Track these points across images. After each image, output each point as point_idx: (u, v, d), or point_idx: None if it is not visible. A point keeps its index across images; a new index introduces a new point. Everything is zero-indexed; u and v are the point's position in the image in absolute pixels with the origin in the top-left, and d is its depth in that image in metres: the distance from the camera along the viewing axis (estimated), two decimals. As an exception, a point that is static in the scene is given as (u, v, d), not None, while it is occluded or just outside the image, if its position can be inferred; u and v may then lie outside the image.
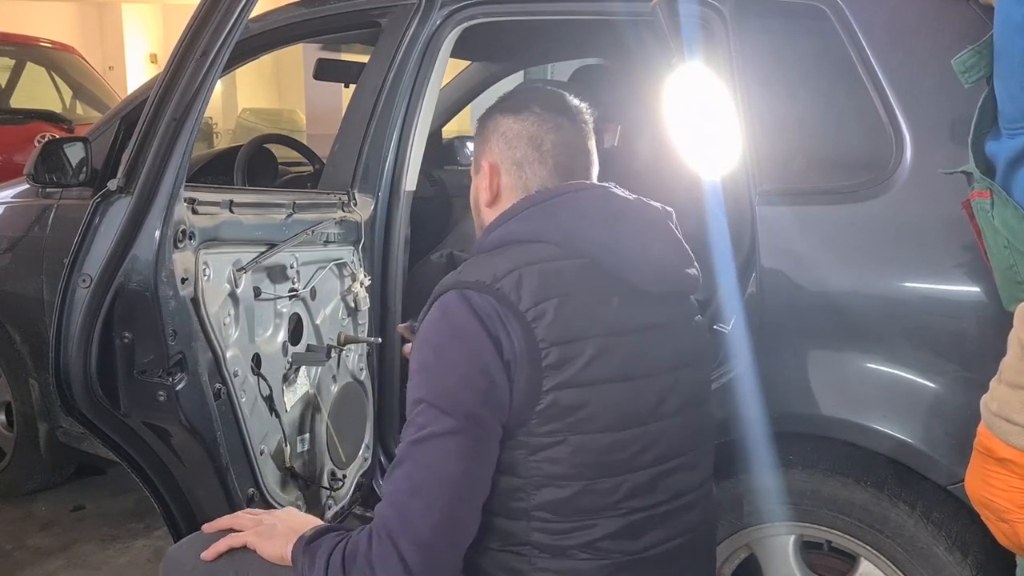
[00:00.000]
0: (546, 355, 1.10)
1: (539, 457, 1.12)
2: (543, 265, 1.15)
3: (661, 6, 1.68)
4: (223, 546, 1.28)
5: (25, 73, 6.09)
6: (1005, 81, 1.05)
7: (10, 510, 2.80)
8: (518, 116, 1.27)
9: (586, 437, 1.13)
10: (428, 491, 1.09)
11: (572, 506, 1.14)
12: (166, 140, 1.44)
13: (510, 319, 1.10)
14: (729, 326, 1.63)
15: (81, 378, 1.46)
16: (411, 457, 1.11)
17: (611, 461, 1.15)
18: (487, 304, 1.10)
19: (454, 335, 1.11)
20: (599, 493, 1.15)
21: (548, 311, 1.10)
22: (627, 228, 1.21)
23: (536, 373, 1.10)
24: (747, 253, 1.62)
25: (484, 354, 1.09)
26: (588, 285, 1.16)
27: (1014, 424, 0.95)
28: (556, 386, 1.10)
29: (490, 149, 1.29)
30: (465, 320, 1.10)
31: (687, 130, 1.73)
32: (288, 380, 1.81)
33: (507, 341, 1.09)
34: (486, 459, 1.11)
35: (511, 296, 1.10)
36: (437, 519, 1.08)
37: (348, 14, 2.27)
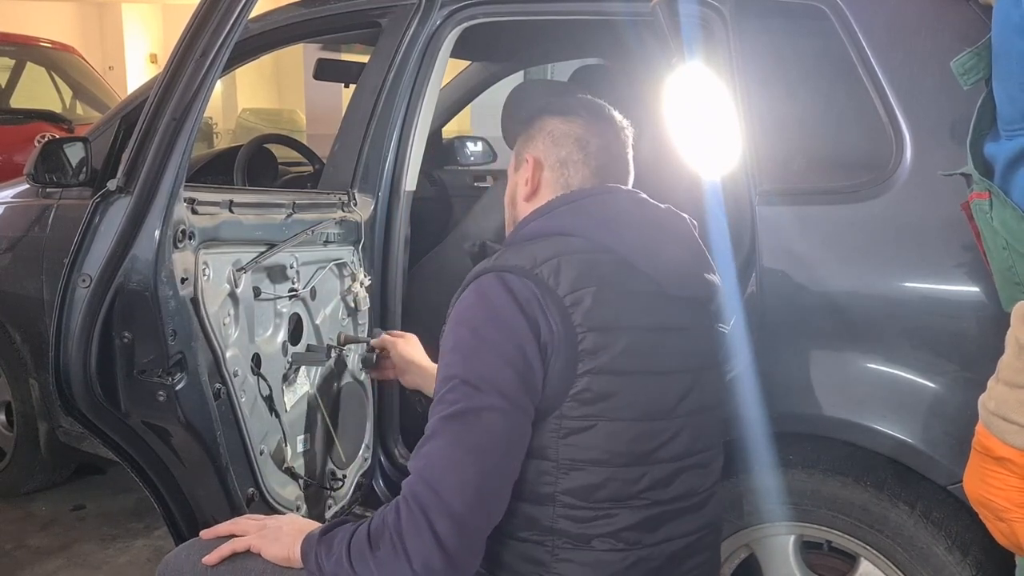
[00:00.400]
0: (582, 339, 1.12)
1: (570, 441, 1.13)
2: (580, 256, 1.18)
3: (661, 6, 1.68)
4: (226, 550, 1.27)
5: (25, 73, 6.09)
6: (1004, 83, 1.05)
7: (10, 510, 2.80)
8: (566, 118, 1.33)
9: (616, 424, 1.15)
10: (462, 465, 1.09)
11: (598, 493, 1.15)
12: (166, 140, 1.44)
13: (548, 303, 1.12)
14: (729, 326, 1.63)
15: (81, 378, 1.46)
16: (443, 432, 1.10)
17: (637, 451, 1.17)
18: (526, 288, 1.12)
19: (491, 316, 1.13)
20: (624, 482, 1.16)
21: (585, 298, 1.13)
22: (656, 233, 1.26)
23: (572, 356, 1.12)
24: (747, 253, 1.62)
25: (521, 336, 1.10)
26: (621, 279, 1.19)
27: (1012, 423, 0.95)
28: (590, 371, 1.13)
29: (535, 146, 1.33)
30: (503, 302, 1.12)
31: (687, 130, 1.73)
32: (288, 380, 1.81)
33: (544, 324, 1.11)
34: (518, 438, 1.12)
35: (549, 281, 1.13)
36: (471, 494, 1.08)
37: (348, 14, 2.27)
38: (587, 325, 1.13)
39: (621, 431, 1.15)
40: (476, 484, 1.08)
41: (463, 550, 1.08)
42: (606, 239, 1.21)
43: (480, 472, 1.09)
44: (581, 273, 1.15)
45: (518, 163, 1.37)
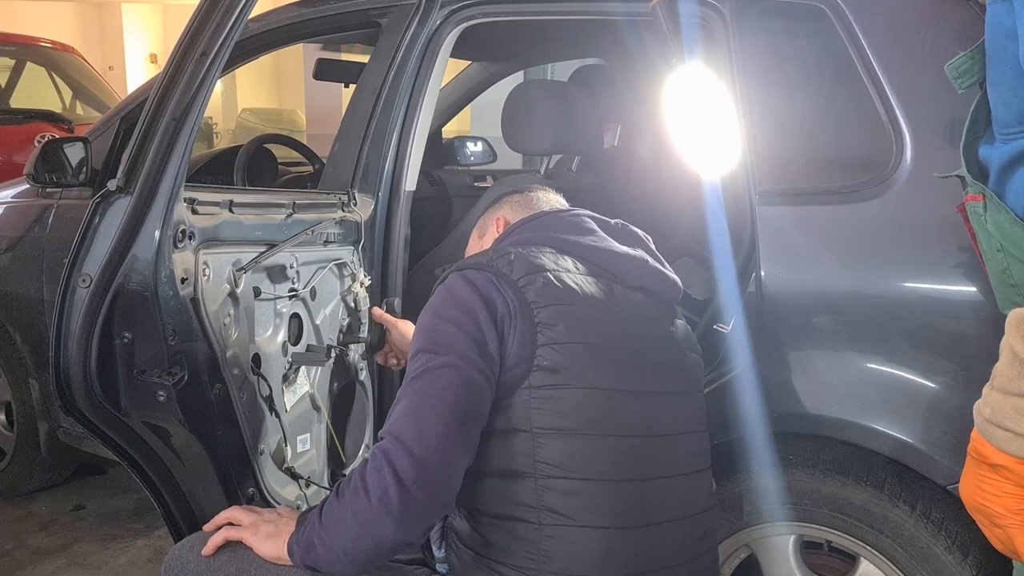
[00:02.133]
0: (538, 312, 1.20)
1: (540, 408, 1.18)
2: (534, 249, 1.29)
3: (661, 6, 1.68)
4: (219, 539, 1.30)
5: (25, 73, 6.09)
6: (998, 87, 1.05)
7: (10, 510, 2.80)
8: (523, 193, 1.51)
9: (584, 392, 1.20)
10: (422, 414, 1.15)
11: (574, 462, 1.18)
12: (166, 140, 1.44)
13: (503, 285, 1.21)
14: (729, 326, 1.63)
15: (81, 378, 1.46)
16: (407, 393, 1.18)
17: (609, 421, 1.21)
18: (482, 276, 1.22)
19: (450, 299, 1.22)
20: (600, 450, 1.20)
21: (538, 280, 1.22)
22: (610, 234, 1.37)
23: (530, 329, 1.19)
24: (747, 253, 1.62)
25: (476, 311, 1.19)
26: (575, 268, 1.29)
27: (1007, 430, 0.95)
28: (549, 341, 1.19)
29: (503, 210, 1.50)
30: (461, 288, 1.22)
31: (687, 130, 1.73)
32: (288, 380, 1.81)
33: (500, 301, 1.20)
34: (477, 396, 1.17)
35: (504, 269, 1.23)
36: (430, 438, 1.13)
37: (348, 14, 2.27)
38: (541, 301, 1.20)
39: (589, 398, 1.20)
40: (435, 430, 1.14)
41: (420, 488, 1.12)
42: (561, 242, 1.33)
43: (439, 420, 1.14)
44: (534, 262, 1.25)
45: (483, 231, 1.52)
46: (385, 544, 1.14)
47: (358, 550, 1.15)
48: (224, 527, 1.31)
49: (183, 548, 1.35)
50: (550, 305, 1.20)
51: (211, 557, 1.30)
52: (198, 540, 1.35)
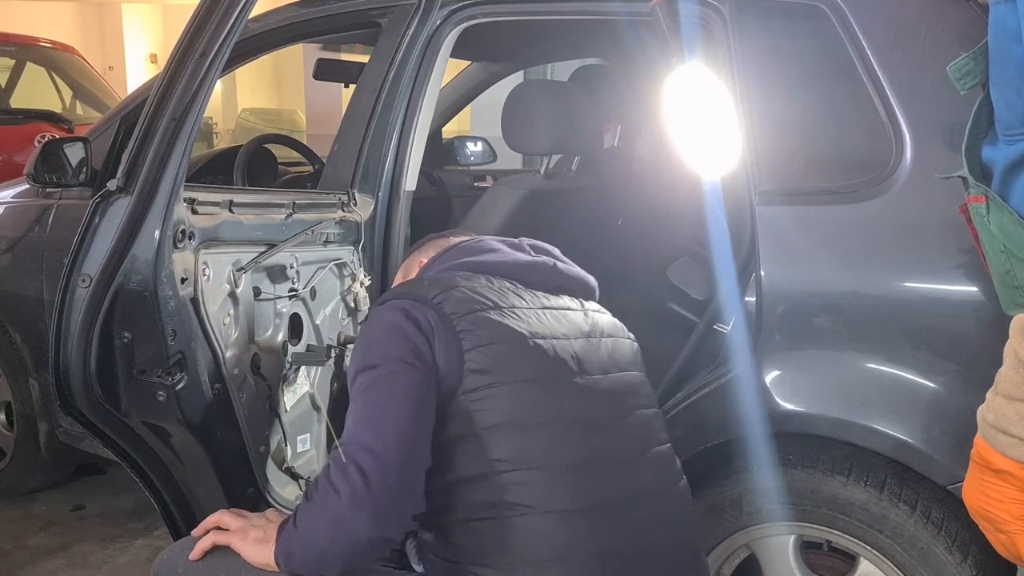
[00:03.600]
0: (458, 323, 1.25)
1: (479, 408, 1.22)
2: (446, 275, 1.37)
3: (661, 6, 1.68)
4: (207, 543, 1.30)
5: (25, 73, 6.08)
6: (1001, 88, 1.05)
7: (10, 510, 2.80)
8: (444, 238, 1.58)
9: (513, 385, 1.24)
10: (374, 417, 1.19)
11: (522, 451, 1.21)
12: (166, 140, 1.44)
13: (421, 304, 1.27)
14: (729, 326, 1.63)
15: (81, 378, 1.46)
16: (354, 408, 1.22)
17: (543, 408, 1.25)
18: (404, 302, 1.28)
19: (376, 325, 1.28)
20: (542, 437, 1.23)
21: (452, 296, 1.28)
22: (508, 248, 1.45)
23: (453, 338, 1.24)
24: (747, 253, 1.62)
25: (404, 326, 1.25)
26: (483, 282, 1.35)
27: (1011, 436, 0.95)
28: (474, 345, 1.24)
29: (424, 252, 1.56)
30: (384, 315, 1.28)
31: (687, 130, 1.73)
32: (288, 380, 1.81)
33: (423, 317, 1.25)
34: (423, 390, 1.21)
35: (418, 292, 1.30)
36: (388, 436, 1.17)
37: (348, 14, 2.27)
38: (459, 311, 1.26)
39: (520, 391, 1.24)
40: (391, 430, 1.17)
41: (386, 481, 1.15)
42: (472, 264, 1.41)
43: (392, 417, 1.18)
44: (444, 283, 1.31)
45: (408, 272, 1.57)
46: (362, 540, 1.16)
47: (337, 550, 1.17)
48: (212, 531, 1.31)
49: (172, 552, 1.35)
50: (468, 313, 1.26)
51: (200, 561, 1.29)
52: (187, 544, 1.34)
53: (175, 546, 1.37)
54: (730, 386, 1.59)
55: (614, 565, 1.21)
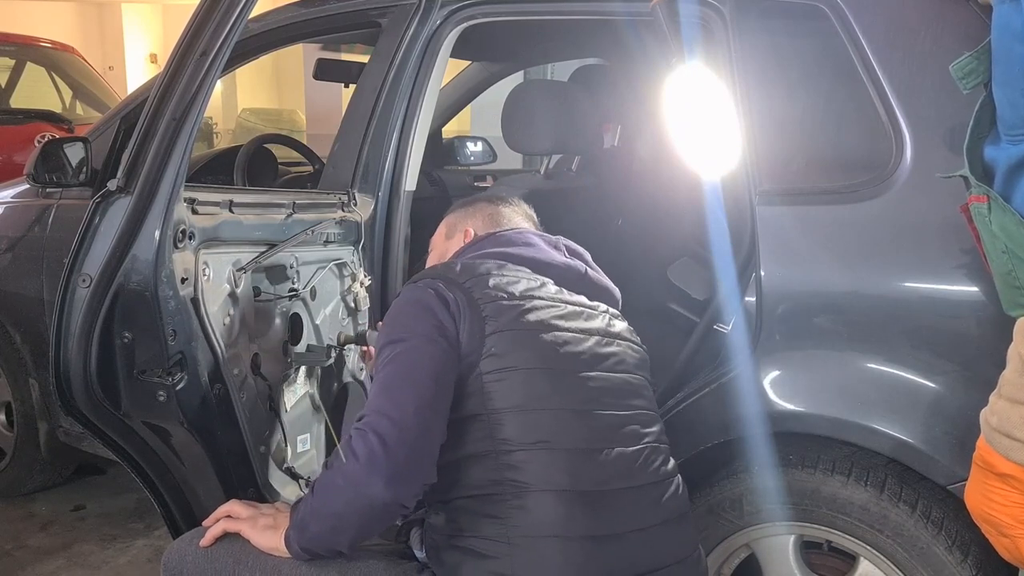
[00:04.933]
0: (483, 307, 1.31)
1: (492, 391, 1.27)
2: (478, 261, 1.42)
3: (661, 6, 1.68)
4: (218, 530, 1.34)
5: (25, 73, 6.08)
6: (1004, 88, 1.04)
7: (10, 510, 2.80)
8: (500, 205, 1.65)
9: (527, 371, 1.29)
10: (396, 388, 1.25)
11: (528, 431, 1.26)
12: (166, 140, 1.44)
13: (452, 286, 1.33)
14: (729, 326, 1.63)
15: (81, 378, 1.46)
16: (378, 378, 1.28)
17: (553, 393, 1.29)
18: (435, 282, 1.34)
19: (406, 301, 1.35)
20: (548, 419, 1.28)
21: (484, 281, 1.35)
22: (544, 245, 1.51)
23: (478, 321, 1.30)
24: (747, 253, 1.62)
25: (432, 304, 1.31)
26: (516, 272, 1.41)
27: (1015, 440, 0.94)
28: (497, 330, 1.29)
29: (475, 222, 1.62)
30: (414, 291, 1.34)
31: (687, 130, 1.73)
32: (288, 380, 1.81)
33: (451, 297, 1.31)
34: (444, 364, 1.27)
35: (450, 275, 1.36)
36: (408, 405, 1.22)
37: (348, 14, 2.27)
38: (486, 297, 1.32)
39: (534, 376, 1.29)
40: (410, 398, 1.23)
41: (404, 446, 1.20)
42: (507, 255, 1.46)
43: (413, 388, 1.24)
44: (475, 267, 1.38)
45: (451, 232, 1.64)
46: (377, 503, 1.20)
47: (352, 511, 1.21)
48: (222, 519, 1.35)
49: (183, 541, 1.38)
50: (494, 301, 1.32)
51: (209, 549, 1.33)
52: (197, 534, 1.37)
53: (185, 536, 1.40)
54: (730, 386, 1.59)
55: (610, 546, 1.25)
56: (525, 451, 1.25)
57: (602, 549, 1.24)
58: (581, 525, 1.23)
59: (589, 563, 1.23)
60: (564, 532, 1.22)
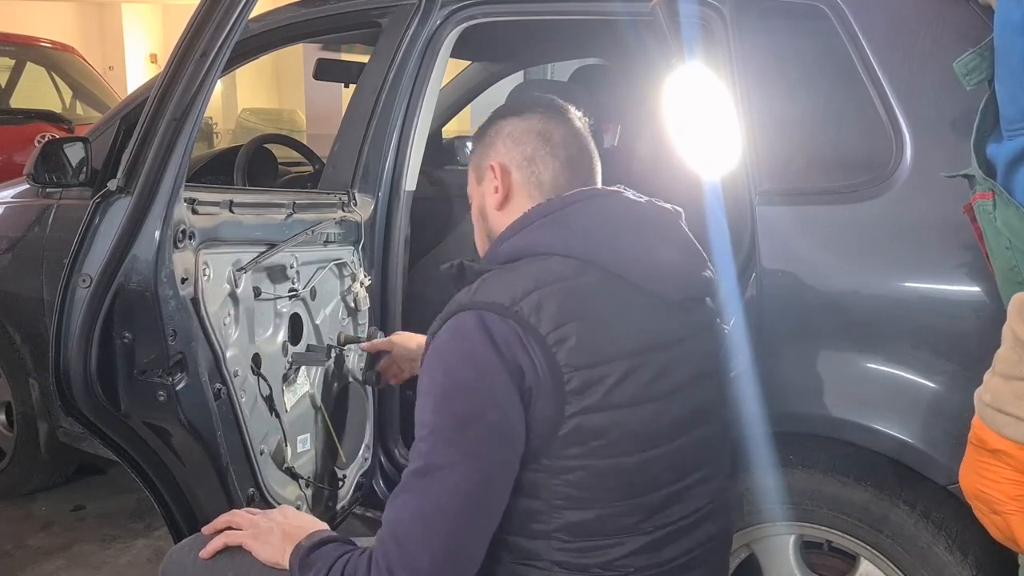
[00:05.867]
0: (569, 380, 1.07)
1: (561, 480, 1.10)
2: (562, 284, 1.11)
3: (661, 6, 1.68)
4: (219, 543, 1.28)
5: (25, 73, 6.08)
6: (1005, 82, 1.05)
7: (10, 510, 2.80)
8: (522, 116, 1.28)
9: (610, 461, 1.11)
10: (428, 522, 1.06)
11: (593, 528, 1.12)
12: (166, 140, 1.43)
13: (531, 343, 1.06)
14: (729, 326, 1.63)
15: (81, 378, 1.46)
16: (413, 487, 1.08)
17: (634, 482, 1.13)
18: (507, 328, 1.06)
19: (467, 360, 1.08)
20: (621, 515, 1.13)
21: (570, 335, 1.07)
22: (643, 236, 1.19)
23: (559, 398, 1.07)
24: (747, 253, 1.62)
25: (496, 380, 1.05)
26: (609, 303, 1.13)
27: (1007, 415, 0.95)
28: (580, 411, 1.08)
29: (496, 151, 1.28)
30: (481, 346, 1.06)
31: (687, 130, 1.73)
32: (288, 380, 1.81)
33: (528, 366, 1.06)
34: (493, 492, 1.08)
35: (531, 319, 1.06)
36: (438, 550, 1.06)
37: (348, 14, 2.27)
38: (573, 364, 1.06)
39: (616, 467, 1.11)
40: (444, 541, 1.06)
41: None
42: (589, 253, 1.15)
43: (448, 529, 1.06)
44: (565, 306, 1.08)
45: (479, 175, 1.32)
46: None
47: None
48: (224, 531, 1.31)
49: (181, 551, 1.35)
50: (582, 368, 1.07)
51: (210, 561, 1.29)
52: (196, 543, 1.34)
53: (183, 544, 1.37)
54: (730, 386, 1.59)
55: None
56: (586, 543, 1.12)
57: None
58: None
59: None
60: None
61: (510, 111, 1.29)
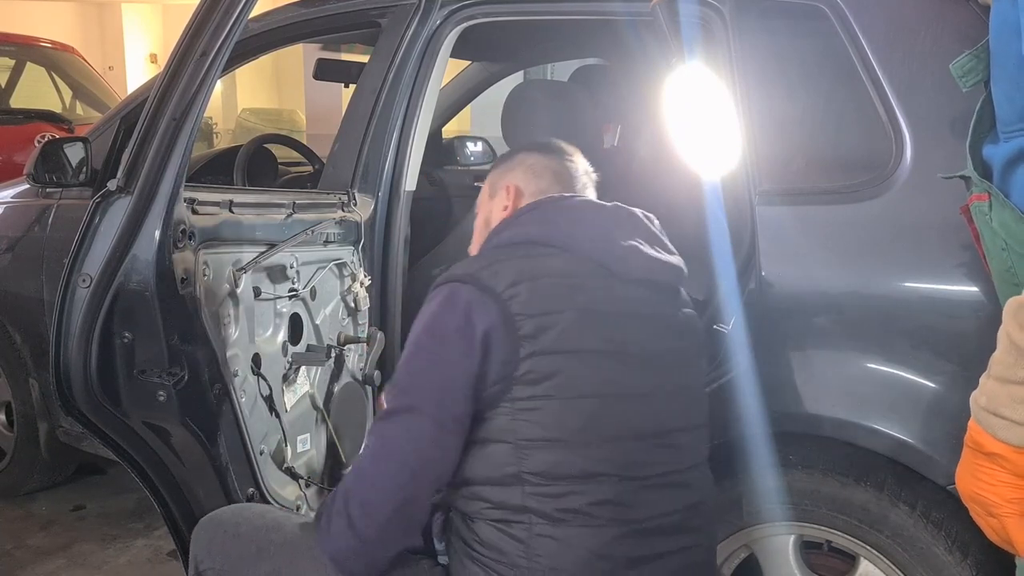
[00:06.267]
0: (521, 326, 1.18)
1: (522, 420, 1.19)
2: (522, 257, 1.26)
3: (661, 6, 1.68)
4: None
5: (25, 73, 6.08)
6: (1001, 84, 1.05)
7: (10, 510, 2.80)
8: (545, 154, 1.46)
9: (567, 402, 1.20)
10: (381, 460, 1.20)
11: (560, 470, 1.19)
12: (166, 140, 1.44)
13: (487, 300, 1.19)
14: (729, 326, 1.63)
15: (81, 378, 1.46)
16: (375, 430, 1.24)
17: (594, 428, 1.21)
18: (467, 291, 1.21)
19: (430, 324, 1.23)
20: (586, 458, 1.20)
21: (523, 291, 1.20)
22: (605, 228, 1.33)
23: (513, 342, 1.18)
24: (747, 253, 1.62)
25: (456, 340, 1.19)
26: (564, 270, 1.26)
27: (1003, 418, 0.95)
28: (532, 353, 1.18)
29: (515, 176, 1.44)
30: (443, 309, 1.21)
31: (687, 130, 1.73)
32: (288, 380, 1.81)
33: (485, 320, 1.18)
34: (443, 442, 1.19)
35: (488, 282, 1.21)
36: (387, 486, 1.19)
37: (348, 14, 2.27)
38: (525, 312, 1.19)
39: (571, 408, 1.20)
40: (393, 478, 1.19)
41: (373, 537, 1.19)
42: (553, 238, 1.29)
43: (397, 468, 1.19)
44: (520, 270, 1.22)
45: (494, 191, 1.47)
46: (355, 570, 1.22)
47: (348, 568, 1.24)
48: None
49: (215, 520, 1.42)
50: (534, 316, 1.19)
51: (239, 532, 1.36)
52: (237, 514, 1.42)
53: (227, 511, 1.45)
54: (730, 386, 1.59)
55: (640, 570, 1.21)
56: (556, 486, 1.18)
57: None
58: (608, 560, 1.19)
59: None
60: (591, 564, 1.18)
61: (538, 148, 1.48)
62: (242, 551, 1.34)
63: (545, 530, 1.18)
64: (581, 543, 1.18)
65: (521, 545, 1.18)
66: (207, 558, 1.37)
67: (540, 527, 1.18)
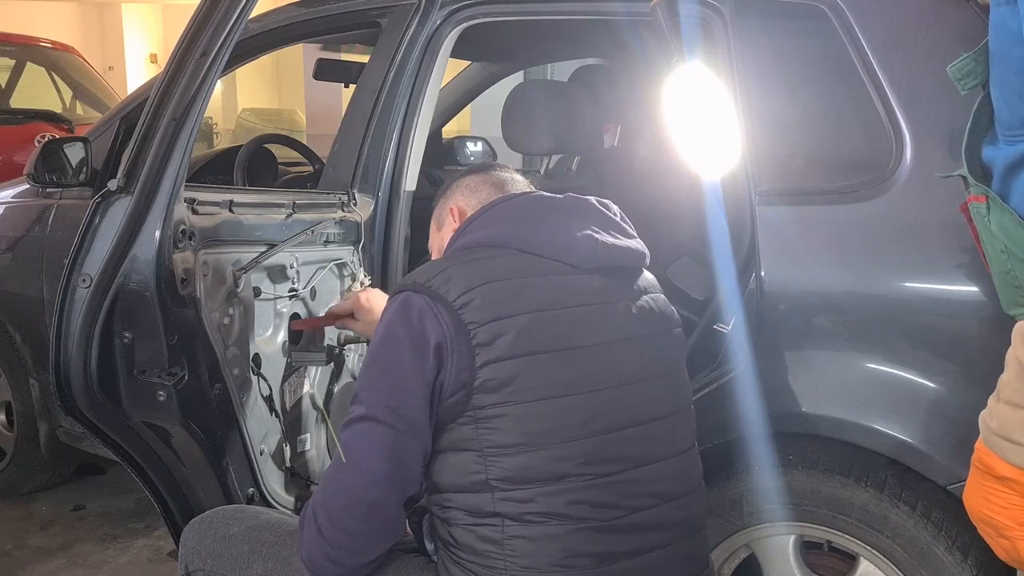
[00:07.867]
0: (475, 335, 1.17)
1: (485, 429, 1.18)
2: (472, 262, 1.25)
3: (661, 6, 1.68)
4: None
5: (25, 73, 6.08)
6: (1002, 89, 1.05)
7: (10, 510, 2.80)
8: (477, 173, 1.47)
9: (527, 406, 1.18)
10: (342, 468, 1.20)
11: (528, 473, 1.18)
12: (166, 140, 1.44)
13: (439, 309, 1.19)
14: (729, 326, 1.63)
15: (81, 378, 1.46)
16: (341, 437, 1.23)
17: (558, 428, 1.19)
18: (420, 300, 1.20)
19: (384, 333, 1.22)
20: (552, 460, 1.19)
21: (475, 298, 1.19)
22: (556, 221, 1.30)
23: (468, 352, 1.17)
24: (747, 253, 1.62)
25: (408, 353, 1.18)
26: (515, 272, 1.24)
27: (1014, 443, 0.95)
28: (488, 361, 1.17)
29: (455, 199, 1.45)
30: (397, 318, 1.21)
31: (687, 130, 1.73)
32: (288, 380, 1.81)
33: (438, 330, 1.18)
34: (401, 448, 1.18)
35: (439, 290, 1.20)
36: (349, 493, 1.19)
37: (348, 14, 2.27)
38: (478, 320, 1.18)
39: (532, 412, 1.18)
40: (353, 490, 1.19)
41: (344, 543, 1.19)
42: (503, 239, 1.29)
43: (358, 478, 1.19)
44: (471, 276, 1.21)
45: (440, 223, 1.47)
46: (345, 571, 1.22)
47: None
48: None
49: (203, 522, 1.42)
50: (488, 322, 1.18)
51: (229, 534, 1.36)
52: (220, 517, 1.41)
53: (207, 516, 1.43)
54: (730, 386, 1.59)
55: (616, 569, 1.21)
56: (524, 490, 1.18)
57: None
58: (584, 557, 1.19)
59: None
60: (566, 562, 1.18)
61: (470, 170, 1.49)
62: (233, 552, 1.34)
63: (518, 531, 1.18)
64: (555, 542, 1.18)
65: (496, 547, 1.18)
66: (197, 559, 1.37)
67: (513, 528, 1.18)
